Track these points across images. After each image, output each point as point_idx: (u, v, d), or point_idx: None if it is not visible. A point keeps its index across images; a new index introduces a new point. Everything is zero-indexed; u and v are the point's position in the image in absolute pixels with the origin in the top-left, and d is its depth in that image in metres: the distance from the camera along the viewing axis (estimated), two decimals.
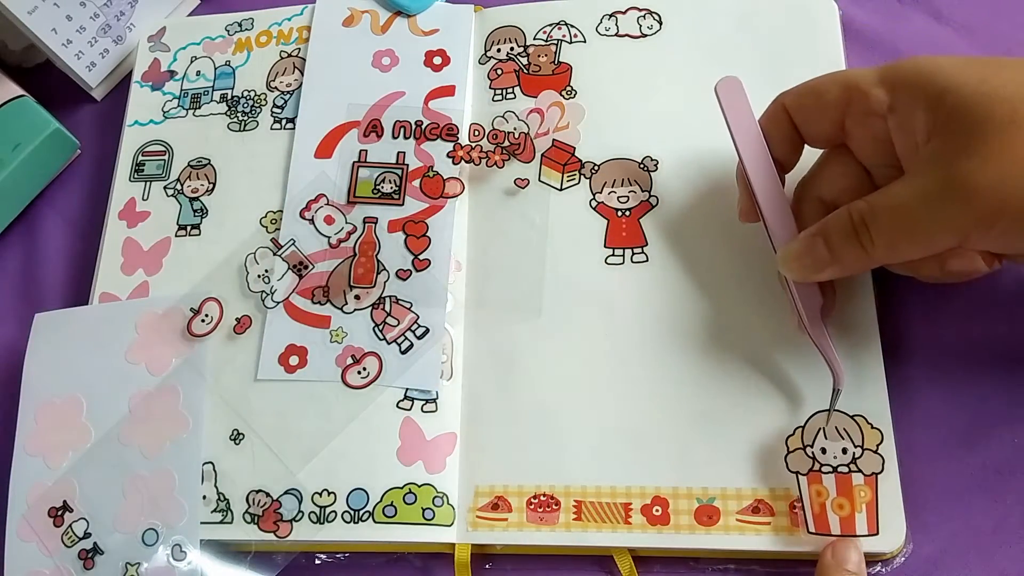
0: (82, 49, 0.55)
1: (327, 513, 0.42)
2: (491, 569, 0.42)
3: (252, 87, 0.53)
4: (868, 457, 0.38)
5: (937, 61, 0.35)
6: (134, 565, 0.42)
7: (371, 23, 0.53)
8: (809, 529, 0.38)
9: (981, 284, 0.40)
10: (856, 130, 0.38)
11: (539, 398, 0.43)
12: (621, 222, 0.45)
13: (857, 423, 0.39)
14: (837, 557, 0.37)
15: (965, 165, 0.32)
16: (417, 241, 0.46)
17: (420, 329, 0.45)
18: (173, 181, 0.51)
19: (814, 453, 0.39)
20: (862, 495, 0.38)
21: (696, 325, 0.43)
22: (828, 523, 0.38)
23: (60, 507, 0.44)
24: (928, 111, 0.34)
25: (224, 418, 0.44)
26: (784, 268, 0.38)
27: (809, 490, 0.38)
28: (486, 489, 0.42)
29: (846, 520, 0.38)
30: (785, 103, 0.39)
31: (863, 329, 0.41)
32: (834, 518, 0.38)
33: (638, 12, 0.50)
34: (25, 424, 0.46)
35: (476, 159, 0.48)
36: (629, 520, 0.40)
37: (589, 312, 0.44)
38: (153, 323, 0.47)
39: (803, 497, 0.38)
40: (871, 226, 0.35)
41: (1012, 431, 0.40)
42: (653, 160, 0.46)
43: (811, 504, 0.38)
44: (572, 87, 0.49)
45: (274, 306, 0.46)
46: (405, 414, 0.43)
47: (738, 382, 0.41)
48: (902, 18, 0.49)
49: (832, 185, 0.39)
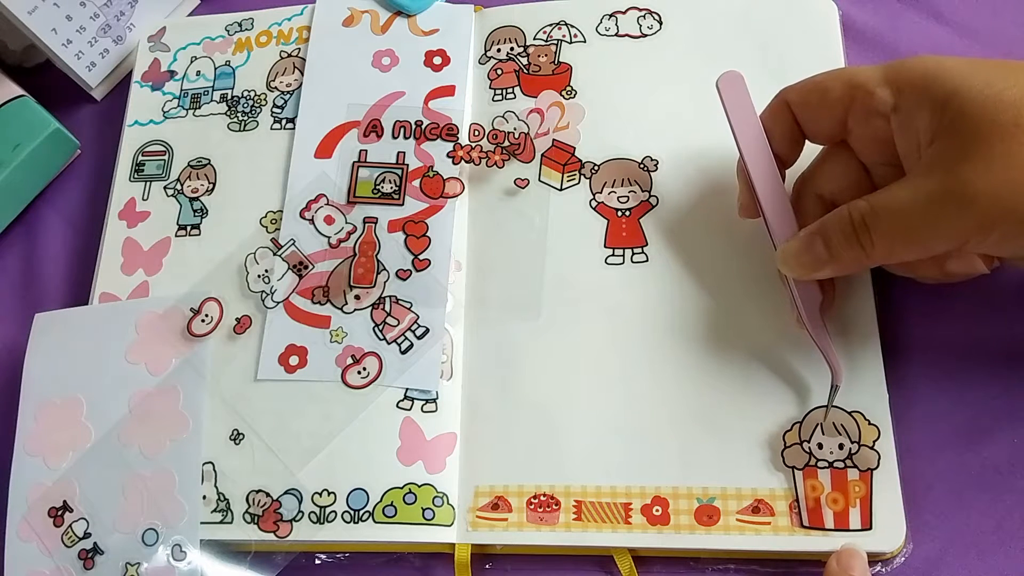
0: (82, 49, 0.55)
1: (327, 513, 0.42)
2: (491, 569, 0.42)
3: (252, 87, 0.53)
4: (864, 453, 0.38)
5: (942, 62, 0.34)
6: (134, 565, 0.42)
7: (371, 23, 0.53)
8: (803, 523, 0.38)
9: (981, 284, 0.40)
10: (858, 128, 0.38)
11: (539, 398, 0.43)
12: (621, 222, 0.45)
13: (855, 419, 0.39)
14: (843, 564, 0.37)
15: (968, 170, 0.32)
16: (417, 241, 0.46)
17: (420, 329, 0.45)
18: (173, 181, 0.51)
19: (811, 448, 0.39)
20: (856, 490, 0.38)
21: (696, 325, 0.43)
22: (822, 517, 0.38)
23: (60, 507, 0.44)
24: (932, 113, 0.34)
25: (224, 418, 0.44)
26: (783, 266, 0.39)
27: (804, 484, 0.39)
28: (486, 489, 0.42)
29: (840, 515, 0.38)
30: (788, 99, 0.39)
31: (862, 327, 0.41)
32: (828, 512, 0.38)
33: (638, 12, 0.50)
34: (25, 424, 0.46)
35: (476, 159, 0.48)
36: (629, 520, 0.40)
37: (589, 312, 0.44)
38: (153, 323, 0.47)
39: (798, 491, 0.39)
40: (871, 227, 0.35)
41: (1012, 431, 0.40)
42: (653, 160, 0.46)
43: (806, 498, 0.38)
44: (572, 87, 0.49)
45: (274, 306, 0.46)
46: (405, 414, 0.43)
47: (738, 382, 0.41)
48: (902, 18, 0.49)
49: (831, 182, 0.39)
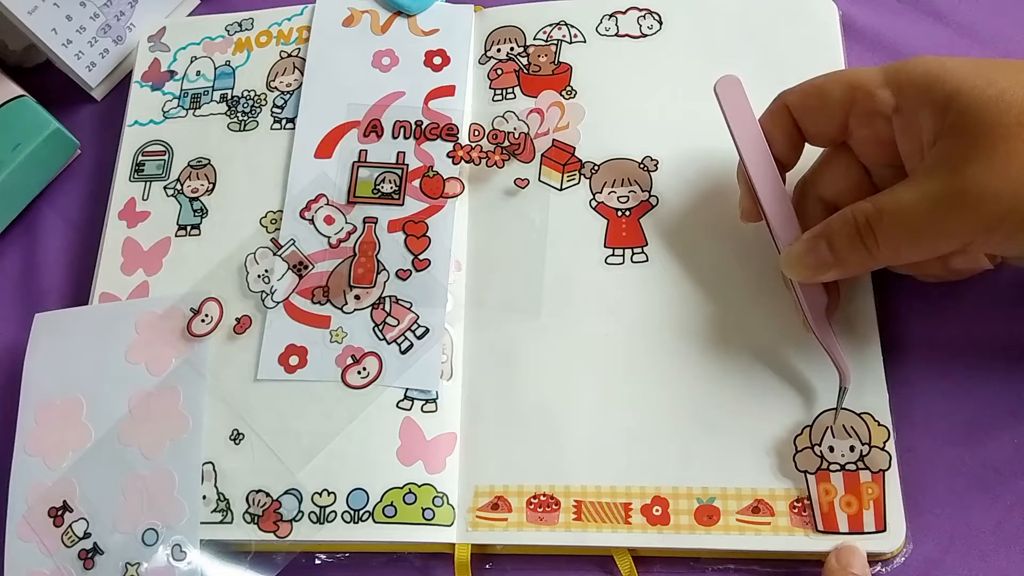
0: (82, 49, 0.55)
1: (327, 513, 0.42)
2: (491, 569, 0.42)
3: (252, 87, 0.53)
4: (875, 454, 0.38)
5: (944, 63, 0.34)
6: (134, 565, 0.42)
7: (371, 23, 0.53)
8: (818, 527, 0.38)
9: (981, 284, 0.40)
10: (859, 130, 0.37)
11: (539, 398, 0.43)
12: (621, 222, 0.45)
13: (864, 420, 0.39)
14: (842, 561, 0.37)
15: (972, 171, 0.32)
16: (417, 241, 0.46)
17: (420, 329, 0.45)
18: (173, 181, 0.51)
19: (822, 452, 0.39)
20: (870, 492, 0.38)
21: (696, 325, 0.43)
22: (836, 521, 0.38)
23: (60, 507, 0.44)
24: (935, 114, 0.34)
25: (224, 418, 0.44)
26: (787, 269, 0.38)
27: (818, 489, 0.38)
28: (486, 489, 0.42)
29: (854, 517, 0.38)
30: (788, 101, 0.39)
31: (862, 328, 0.41)
32: (842, 516, 0.38)
33: (638, 12, 0.50)
34: (25, 424, 0.46)
35: (476, 159, 0.48)
36: (629, 520, 0.40)
37: (589, 312, 0.44)
38: (153, 323, 0.47)
39: (811, 496, 0.38)
40: (876, 229, 0.35)
41: (1012, 431, 0.40)
42: (653, 160, 0.46)
43: (819, 503, 0.38)
44: (572, 87, 0.49)
45: (274, 306, 0.46)
46: (405, 414, 0.43)
47: (737, 381, 0.41)
48: (902, 18, 0.49)
49: (833, 185, 0.39)
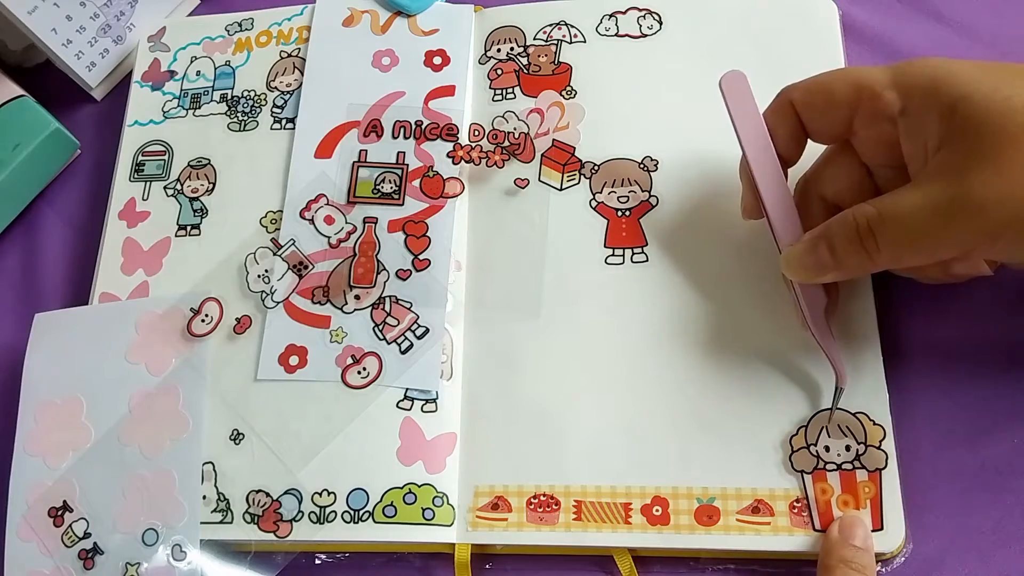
0: (82, 49, 0.55)
1: (327, 513, 0.42)
2: (491, 569, 0.42)
3: (252, 87, 0.53)
4: (871, 453, 0.38)
5: (950, 66, 0.34)
6: (134, 565, 0.42)
7: (371, 23, 0.53)
8: (815, 527, 0.38)
9: (981, 285, 0.40)
10: (864, 131, 0.37)
11: (539, 398, 0.43)
12: (621, 222, 0.45)
13: (859, 420, 0.39)
14: (844, 532, 0.37)
15: (975, 177, 0.32)
16: (417, 241, 0.46)
17: (420, 329, 0.45)
18: (173, 181, 0.51)
19: (818, 451, 0.39)
20: (866, 491, 0.38)
21: (696, 325, 0.43)
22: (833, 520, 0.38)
23: (60, 507, 0.44)
24: (940, 118, 0.33)
25: (224, 418, 0.44)
26: (787, 270, 0.38)
27: (814, 488, 0.38)
28: (486, 489, 0.42)
29: None
30: (792, 98, 0.38)
31: (863, 328, 0.41)
32: (839, 515, 0.38)
33: (638, 12, 0.50)
34: (25, 424, 0.46)
35: (476, 159, 0.48)
36: (629, 520, 0.40)
37: (589, 312, 0.44)
38: (153, 323, 0.47)
39: (808, 495, 0.38)
40: (877, 233, 0.34)
41: (1012, 431, 0.40)
42: (653, 160, 0.46)
43: (816, 502, 0.38)
44: (572, 87, 0.49)
45: (274, 306, 0.46)
46: (405, 414, 0.43)
47: (738, 382, 0.41)
48: (902, 18, 0.49)
49: (834, 184, 0.39)
